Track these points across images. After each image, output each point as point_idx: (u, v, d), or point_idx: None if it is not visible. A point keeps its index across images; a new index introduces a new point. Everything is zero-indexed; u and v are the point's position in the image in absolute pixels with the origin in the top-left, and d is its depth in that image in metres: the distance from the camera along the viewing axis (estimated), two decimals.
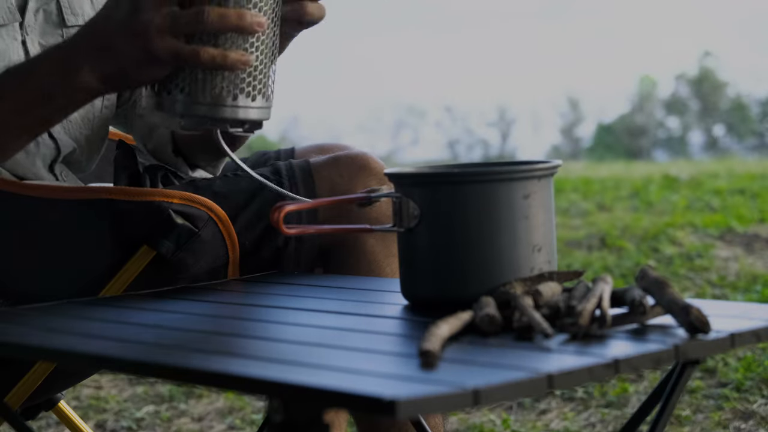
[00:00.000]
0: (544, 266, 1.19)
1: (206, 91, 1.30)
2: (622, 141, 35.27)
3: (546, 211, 1.21)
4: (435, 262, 1.19)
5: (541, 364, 0.94)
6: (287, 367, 0.96)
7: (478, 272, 1.18)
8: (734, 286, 3.60)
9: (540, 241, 1.19)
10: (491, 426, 2.66)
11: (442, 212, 1.19)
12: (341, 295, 1.36)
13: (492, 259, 1.18)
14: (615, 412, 2.68)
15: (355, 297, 1.34)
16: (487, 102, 58.18)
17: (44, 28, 1.56)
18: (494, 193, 1.18)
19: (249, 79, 1.31)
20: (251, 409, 2.88)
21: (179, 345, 1.09)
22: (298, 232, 1.29)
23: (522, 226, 1.18)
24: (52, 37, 1.56)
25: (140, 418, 2.86)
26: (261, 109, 1.34)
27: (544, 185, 1.20)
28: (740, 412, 2.61)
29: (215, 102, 1.31)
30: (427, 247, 1.20)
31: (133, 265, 1.44)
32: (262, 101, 1.33)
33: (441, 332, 1.00)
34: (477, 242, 1.18)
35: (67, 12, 1.58)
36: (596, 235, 4.42)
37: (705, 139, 37.21)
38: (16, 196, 1.43)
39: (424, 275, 1.21)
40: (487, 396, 0.85)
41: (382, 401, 0.82)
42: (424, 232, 1.20)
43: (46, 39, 1.56)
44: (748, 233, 4.38)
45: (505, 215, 1.18)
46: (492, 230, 1.18)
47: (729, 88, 37.81)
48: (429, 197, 1.20)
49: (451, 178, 1.20)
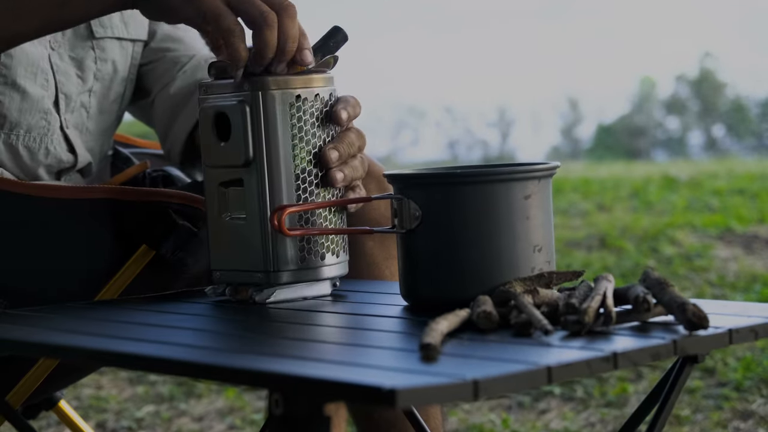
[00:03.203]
0: (544, 266, 1.20)
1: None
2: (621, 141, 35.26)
3: (545, 212, 1.21)
4: (435, 262, 1.20)
5: (540, 357, 0.94)
6: (287, 361, 0.97)
7: (478, 273, 1.18)
8: (733, 286, 3.60)
9: (540, 242, 1.20)
10: (491, 426, 2.66)
11: (443, 213, 1.19)
12: (340, 295, 1.36)
13: (492, 260, 1.18)
14: (614, 411, 2.69)
15: (355, 298, 1.35)
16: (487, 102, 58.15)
17: (73, 42, 1.57)
18: (494, 193, 1.19)
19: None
20: (251, 409, 2.88)
21: (180, 341, 1.09)
22: (300, 233, 1.29)
23: (522, 227, 1.19)
24: (82, 49, 1.58)
25: (140, 418, 2.87)
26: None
27: (543, 186, 1.21)
28: (739, 411, 2.62)
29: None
30: (428, 248, 1.20)
31: (132, 265, 1.44)
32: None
33: (440, 327, 1.01)
34: (477, 243, 1.18)
35: (95, 25, 1.59)
36: (596, 236, 4.43)
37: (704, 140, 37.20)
38: (16, 195, 1.43)
39: (424, 276, 1.21)
40: (486, 387, 0.86)
41: (381, 391, 0.82)
42: (425, 233, 1.20)
43: (76, 52, 1.57)
44: (748, 233, 4.39)
45: (505, 215, 1.18)
46: (492, 230, 1.18)
47: (728, 89, 37.81)
48: (429, 198, 1.20)
49: (451, 178, 1.21)
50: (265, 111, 1.29)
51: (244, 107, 1.29)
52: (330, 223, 1.32)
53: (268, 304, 1.29)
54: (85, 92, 1.58)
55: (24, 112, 1.52)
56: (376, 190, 1.53)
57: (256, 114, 1.29)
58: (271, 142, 1.29)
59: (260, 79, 1.29)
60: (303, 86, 1.31)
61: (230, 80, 1.31)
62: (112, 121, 1.65)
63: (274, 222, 1.25)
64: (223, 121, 1.32)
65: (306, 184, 1.31)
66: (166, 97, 1.65)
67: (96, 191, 1.46)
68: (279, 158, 1.30)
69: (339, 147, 1.31)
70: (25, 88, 1.52)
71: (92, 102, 1.59)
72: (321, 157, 1.31)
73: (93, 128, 1.60)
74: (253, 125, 1.29)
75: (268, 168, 1.29)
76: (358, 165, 1.34)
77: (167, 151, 1.68)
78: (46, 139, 1.54)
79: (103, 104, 1.62)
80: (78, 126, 1.58)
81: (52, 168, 1.57)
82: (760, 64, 55.69)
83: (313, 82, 1.32)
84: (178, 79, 1.65)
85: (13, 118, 1.52)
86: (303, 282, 1.31)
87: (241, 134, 1.29)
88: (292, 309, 1.26)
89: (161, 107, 1.66)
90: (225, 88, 1.32)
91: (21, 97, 1.52)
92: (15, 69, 1.51)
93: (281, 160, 1.30)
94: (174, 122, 1.64)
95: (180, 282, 1.46)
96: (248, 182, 1.30)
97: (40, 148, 1.54)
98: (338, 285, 1.37)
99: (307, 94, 1.31)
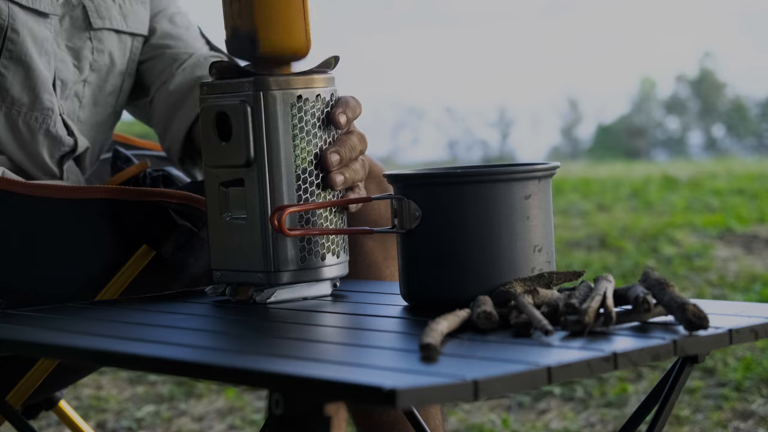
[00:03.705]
0: (544, 266, 1.20)
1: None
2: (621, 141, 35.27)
3: (545, 212, 1.21)
4: (435, 262, 1.20)
5: (540, 358, 0.94)
6: (287, 361, 0.97)
7: (478, 273, 1.18)
8: (733, 286, 3.60)
9: (540, 242, 1.20)
10: (491, 426, 2.66)
11: (442, 213, 1.19)
12: (340, 295, 1.36)
13: (492, 260, 1.18)
14: (614, 411, 2.69)
15: (354, 298, 1.35)
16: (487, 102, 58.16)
17: (71, 33, 1.58)
18: (494, 193, 1.19)
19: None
20: (251, 409, 2.88)
21: (180, 341, 1.09)
22: (301, 233, 1.29)
23: (522, 227, 1.19)
24: (80, 40, 1.58)
25: (140, 418, 2.87)
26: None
27: (543, 186, 1.21)
28: (739, 411, 2.62)
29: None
30: (428, 248, 1.20)
31: (132, 265, 1.44)
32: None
33: (440, 328, 1.01)
34: (477, 242, 1.18)
35: (93, 16, 1.59)
36: (596, 236, 4.43)
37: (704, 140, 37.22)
38: (17, 195, 1.43)
39: (424, 276, 1.21)
40: (486, 387, 0.86)
41: (382, 391, 0.82)
42: (425, 233, 1.20)
43: (73, 42, 1.58)
44: (747, 233, 4.39)
45: (505, 216, 1.18)
46: (492, 230, 1.18)
47: (728, 89, 37.82)
48: (429, 198, 1.20)
49: (451, 178, 1.21)
50: (267, 111, 1.29)
51: (245, 107, 1.29)
52: (330, 223, 1.32)
53: (269, 304, 1.29)
54: (80, 82, 1.59)
55: (27, 89, 1.53)
56: (376, 190, 1.53)
57: (258, 114, 1.29)
58: (272, 142, 1.29)
59: (261, 78, 1.29)
60: (304, 86, 1.31)
61: (232, 80, 1.32)
62: (108, 114, 1.65)
63: (274, 222, 1.25)
64: (224, 120, 1.32)
65: (307, 185, 1.31)
66: (165, 93, 1.65)
67: (96, 191, 1.45)
68: (280, 158, 1.29)
69: (340, 150, 1.31)
70: (30, 64, 1.52)
71: (86, 92, 1.60)
72: (322, 160, 1.31)
73: (85, 119, 1.60)
74: (254, 125, 1.29)
75: (269, 168, 1.29)
76: (359, 168, 1.34)
77: (167, 148, 1.68)
78: (48, 120, 1.54)
79: (98, 96, 1.62)
80: (70, 115, 1.58)
81: (54, 151, 1.56)
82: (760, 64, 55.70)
83: (314, 82, 1.32)
84: (177, 76, 1.65)
85: (16, 92, 1.52)
86: (303, 282, 1.31)
87: (242, 134, 1.29)
88: (293, 309, 1.26)
89: (160, 104, 1.66)
90: (226, 88, 1.32)
91: (25, 73, 1.52)
92: (22, 44, 1.51)
93: (282, 160, 1.29)
94: (173, 119, 1.64)
95: (180, 282, 1.46)
96: (249, 182, 1.30)
97: (41, 128, 1.54)
98: (338, 285, 1.37)
99: (309, 94, 1.31)
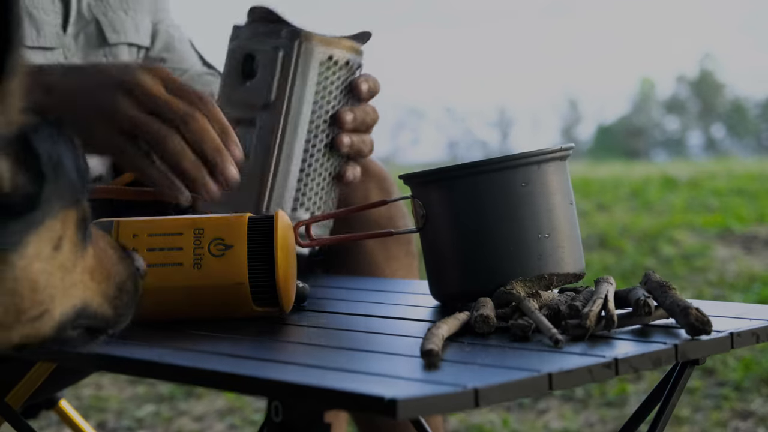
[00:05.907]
0: (552, 252, 1.20)
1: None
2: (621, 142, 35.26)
3: (546, 199, 1.21)
4: (459, 257, 1.20)
5: (541, 364, 0.94)
6: (286, 367, 0.96)
7: (501, 263, 1.18)
8: (733, 287, 3.60)
9: (546, 229, 1.20)
10: (491, 426, 2.66)
11: (441, 210, 1.20)
12: (340, 296, 1.36)
13: (495, 250, 1.18)
14: (614, 412, 2.69)
15: (354, 297, 1.35)
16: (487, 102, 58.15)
17: (86, 51, 1.58)
18: (491, 183, 1.19)
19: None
20: (251, 409, 2.88)
21: (179, 346, 1.09)
22: (312, 244, 1.29)
23: (523, 214, 1.19)
24: (95, 57, 1.58)
25: (140, 418, 2.87)
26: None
27: (545, 171, 1.21)
28: (739, 411, 2.62)
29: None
30: (433, 246, 1.22)
31: None
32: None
33: (441, 332, 1.00)
34: (477, 235, 1.18)
35: (108, 31, 1.59)
36: (595, 236, 4.43)
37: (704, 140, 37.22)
38: None
39: (442, 272, 1.22)
40: (488, 396, 0.85)
41: (383, 401, 0.81)
42: (443, 229, 1.21)
43: (88, 59, 1.58)
44: (747, 233, 4.39)
45: (502, 204, 1.19)
46: (492, 220, 1.19)
47: (728, 90, 37.82)
48: (429, 196, 1.21)
49: (443, 174, 1.21)
50: (297, 62, 1.30)
51: (278, 52, 1.30)
52: (321, 198, 1.34)
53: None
54: None
55: None
56: (375, 190, 1.53)
57: (287, 62, 1.30)
58: (295, 92, 1.30)
59: (301, 30, 1.30)
60: (338, 47, 1.32)
61: (267, 24, 1.32)
62: None
63: (300, 236, 1.27)
64: (249, 64, 1.32)
65: (315, 142, 1.32)
66: None
67: (96, 191, 1.45)
68: (300, 109, 1.30)
69: (356, 111, 1.33)
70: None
71: None
72: (337, 117, 1.32)
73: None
74: (282, 72, 1.30)
75: (284, 115, 1.30)
76: (367, 140, 1.36)
77: None
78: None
79: None
80: None
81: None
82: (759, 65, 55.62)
83: (347, 48, 1.33)
84: None
85: None
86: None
87: (268, 77, 1.30)
88: (293, 312, 1.26)
89: None
90: (260, 32, 1.32)
91: None
92: None
93: (301, 111, 1.30)
94: None
95: None
96: (262, 124, 1.31)
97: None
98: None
99: (340, 57, 1.32)
